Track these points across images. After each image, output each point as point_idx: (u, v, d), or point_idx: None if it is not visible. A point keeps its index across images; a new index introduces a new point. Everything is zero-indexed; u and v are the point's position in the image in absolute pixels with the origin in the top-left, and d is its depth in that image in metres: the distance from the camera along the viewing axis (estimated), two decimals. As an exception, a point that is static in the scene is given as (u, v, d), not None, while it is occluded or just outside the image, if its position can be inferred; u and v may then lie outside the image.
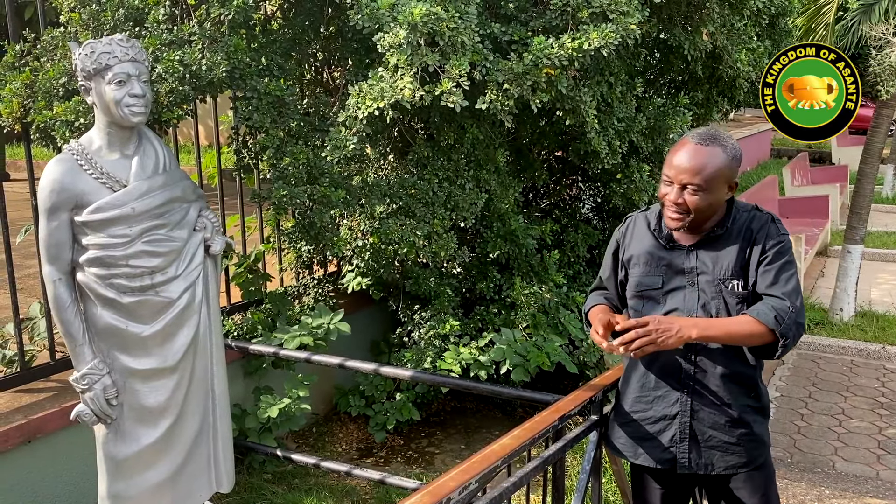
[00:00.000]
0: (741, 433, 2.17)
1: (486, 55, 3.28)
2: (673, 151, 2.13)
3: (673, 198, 2.10)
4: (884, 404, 5.16)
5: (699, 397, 2.16)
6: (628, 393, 2.29)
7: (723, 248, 2.14)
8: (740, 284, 2.11)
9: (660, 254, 2.21)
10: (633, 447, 2.28)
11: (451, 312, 4.62)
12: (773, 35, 5.15)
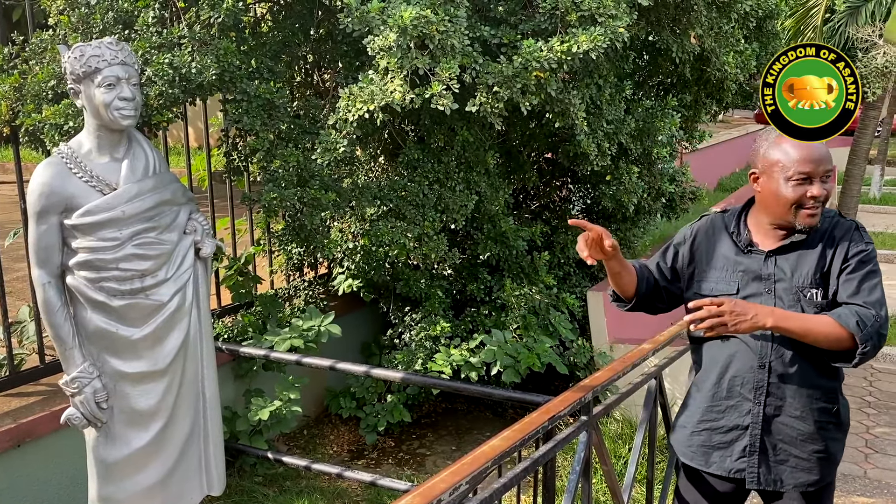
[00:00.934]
0: (814, 449, 2.09)
1: (476, 58, 3.29)
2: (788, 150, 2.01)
3: (817, 192, 1.99)
4: (871, 403, 5.20)
5: (772, 410, 2.08)
6: (700, 400, 2.21)
7: (802, 255, 2.06)
8: (819, 293, 2.03)
9: (736, 258, 2.13)
10: (704, 455, 2.20)
11: (441, 314, 4.64)
12: (760, 37, 5.20)
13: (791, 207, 2.01)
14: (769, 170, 2.04)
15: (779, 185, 2.02)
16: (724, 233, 2.17)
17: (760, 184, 2.08)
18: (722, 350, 2.14)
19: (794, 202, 2.00)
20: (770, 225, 2.10)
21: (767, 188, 2.06)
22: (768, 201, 2.07)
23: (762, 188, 2.08)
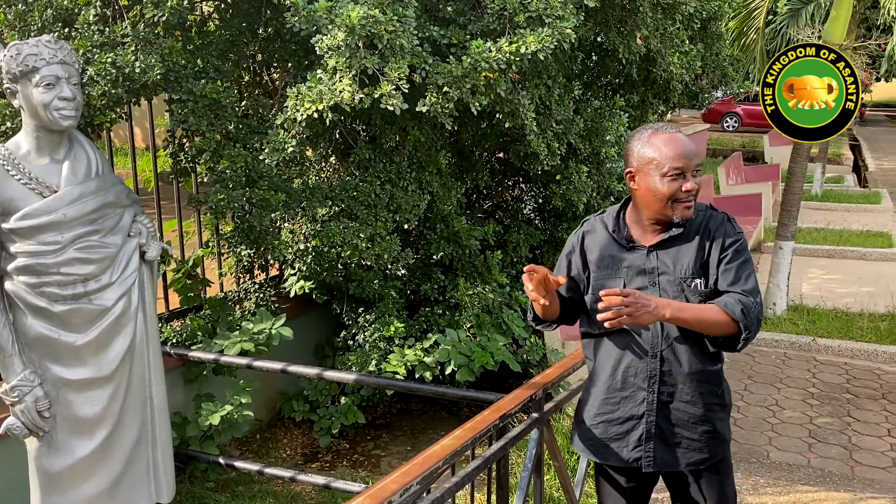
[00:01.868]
0: (704, 430, 2.20)
1: (426, 58, 3.29)
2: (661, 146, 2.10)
3: (690, 186, 2.09)
4: (814, 395, 5.35)
5: (665, 396, 2.18)
6: (595, 394, 2.28)
7: (682, 248, 2.16)
8: (702, 283, 2.13)
9: (620, 255, 2.22)
10: (601, 448, 2.28)
11: (395, 314, 4.63)
12: (704, 38, 5.31)
13: (667, 202, 2.10)
14: (644, 167, 2.12)
15: (655, 182, 2.10)
16: (606, 232, 2.26)
17: (637, 182, 2.16)
18: (615, 343, 2.22)
19: (670, 197, 2.09)
20: (648, 220, 2.18)
21: (644, 185, 2.13)
22: (646, 198, 2.14)
23: (638, 186, 2.15)
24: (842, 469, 4.28)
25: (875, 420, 4.93)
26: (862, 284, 8.04)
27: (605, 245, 2.25)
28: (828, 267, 8.83)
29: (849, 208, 12.27)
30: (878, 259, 9.10)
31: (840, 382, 5.59)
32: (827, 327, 6.55)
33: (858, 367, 5.89)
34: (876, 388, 5.48)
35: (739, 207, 10.05)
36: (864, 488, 4.04)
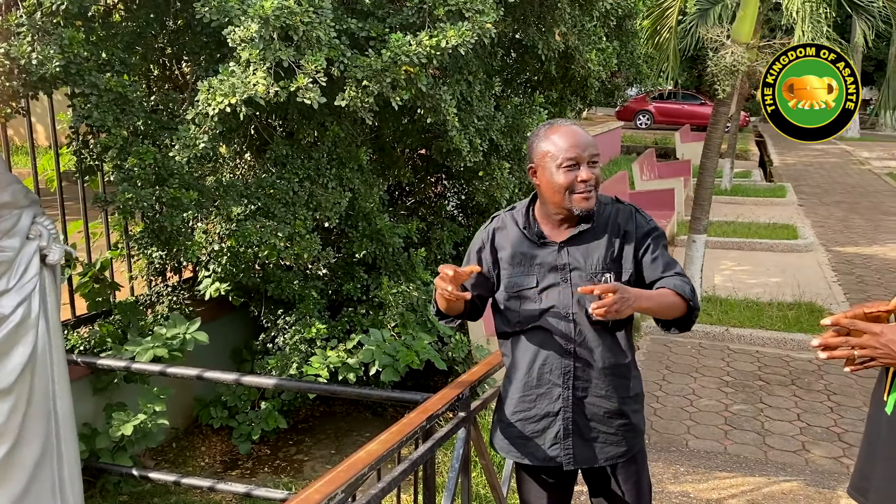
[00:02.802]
0: (620, 424, 2.23)
1: (344, 51, 3.21)
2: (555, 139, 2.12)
3: (585, 175, 2.09)
4: (729, 383, 5.53)
5: (580, 392, 2.18)
6: (512, 392, 2.27)
7: (592, 242, 2.17)
8: (612, 277, 2.13)
9: (532, 252, 2.20)
10: (519, 448, 2.27)
11: (316, 315, 4.51)
12: (620, 36, 5.40)
13: (565, 193, 2.12)
14: (542, 161, 2.15)
15: (552, 174, 2.12)
16: (517, 229, 2.25)
17: (538, 176, 2.17)
18: (530, 341, 2.22)
19: (567, 187, 2.11)
20: (555, 215, 2.19)
21: (544, 178, 2.15)
22: (547, 191, 2.16)
23: (540, 180, 2.17)
24: (756, 454, 4.42)
25: (786, 406, 5.12)
26: (770, 275, 8.38)
27: (516, 242, 2.23)
28: (738, 259, 9.17)
29: (756, 202, 12.80)
30: (784, 250, 9.51)
31: (752, 370, 5.79)
32: (739, 317, 6.79)
33: (769, 355, 6.12)
34: (786, 374, 5.71)
35: (653, 202, 10.33)
36: (777, 472, 4.19)
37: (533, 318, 2.18)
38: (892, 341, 1.55)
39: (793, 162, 19.35)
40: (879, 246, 10.09)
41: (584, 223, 2.18)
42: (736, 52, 6.43)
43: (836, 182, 16.20)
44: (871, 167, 18.55)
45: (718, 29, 7.00)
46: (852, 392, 5.31)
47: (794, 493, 3.90)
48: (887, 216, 12.30)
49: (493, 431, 2.37)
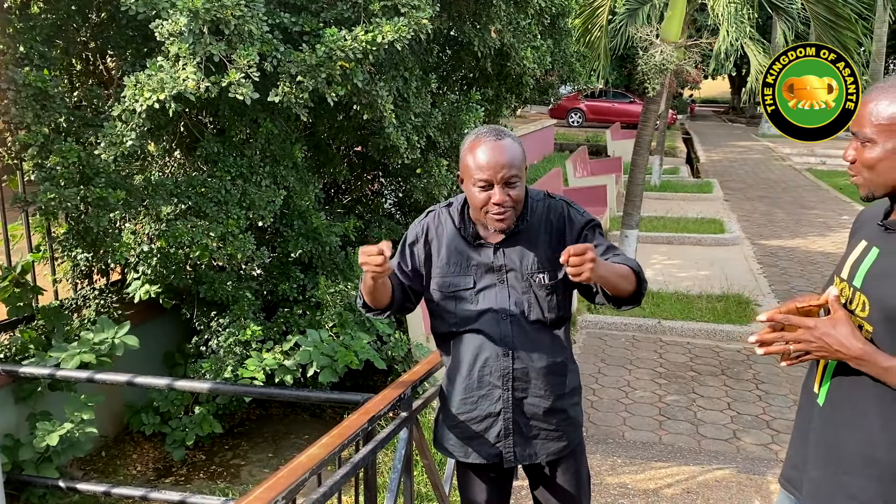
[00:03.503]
0: (560, 419, 2.24)
1: (277, 46, 3.14)
2: (474, 155, 2.05)
3: (499, 199, 2.03)
4: (662, 374, 5.65)
5: (520, 392, 2.19)
6: (454, 395, 2.25)
7: (527, 243, 2.15)
8: (547, 276, 2.13)
9: (468, 252, 2.17)
10: (462, 447, 2.26)
11: (251, 317, 4.41)
12: (554, 34, 5.46)
13: (480, 210, 2.08)
14: (464, 173, 2.11)
15: (469, 189, 2.09)
16: (453, 227, 2.22)
17: (464, 185, 2.14)
18: (468, 342, 2.21)
19: (481, 206, 2.07)
20: None
21: (466, 190, 2.13)
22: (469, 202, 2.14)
23: (464, 189, 2.15)
24: (689, 444, 4.53)
25: (716, 395, 5.27)
26: (699, 268, 8.62)
27: (452, 240, 2.20)
28: (668, 253, 9.40)
29: (685, 197, 13.15)
30: (712, 244, 9.80)
31: (684, 361, 5.94)
32: (670, 309, 6.95)
33: (700, 346, 6.28)
34: (716, 364, 5.87)
35: (587, 198, 10.49)
36: (710, 460, 4.30)
37: (470, 319, 2.17)
38: (825, 335, 1.59)
39: (718, 158, 19.97)
40: (801, 239, 10.50)
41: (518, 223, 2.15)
42: (665, 51, 6.58)
43: (759, 178, 16.80)
44: (792, 163, 19.32)
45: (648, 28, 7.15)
46: (779, 381, 5.49)
47: (726, 481, 4.01)
48: (807, 210, 12.82)
49: (436, 432, 2.35)
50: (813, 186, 15.67)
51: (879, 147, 1.59)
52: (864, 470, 1.62)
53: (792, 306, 1.69)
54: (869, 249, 1.68)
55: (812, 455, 1.75)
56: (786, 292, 7.69)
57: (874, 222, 1.72)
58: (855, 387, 1.64)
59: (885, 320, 1.57)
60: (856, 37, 6.48)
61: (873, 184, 1.62)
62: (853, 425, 1.64)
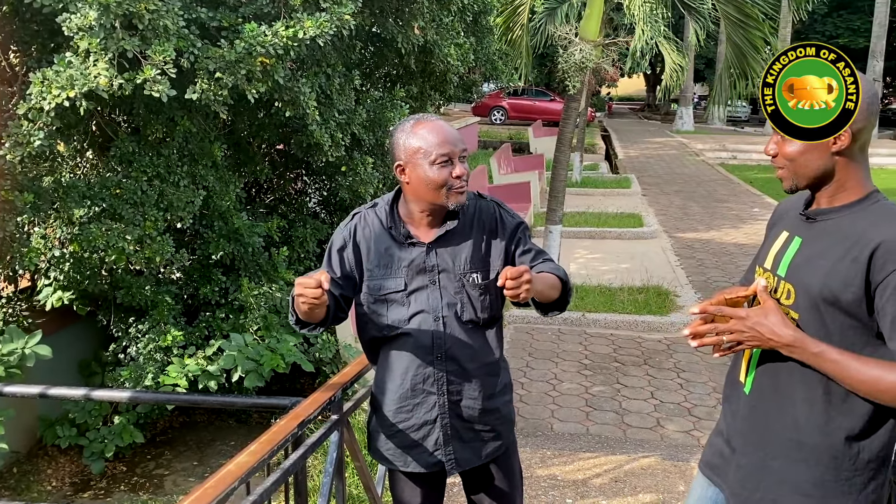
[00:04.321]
0: (495, 418, 2.22)
1: (194, 41, 3.04)
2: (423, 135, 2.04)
3: (459, 171, 2.03)
4: (587, 366, 5.76)
5: (455, 396, 2.15)
6: (387, 403, 2.19)
7: (459, 243, 2.13)
8: (479, 276, 2.11)
9: (400, 253, 2.11)
10: (402, 456, 2.21)
11: (172, 322, 4.27)
12: (476, 32, 5.49)
13: (440, 189, 2.05)
14: (412, 158, 2.06)
15: (425, 171, 2.05)
16: (381, 228, 2.17)
17: (407, 174, 2.08)
18: (400, 348, 2.17)
19: (442, 184, 2.04)
20: (422, 213, 2.12)
21: (415, 176, 2.07)
22: (418, 189, 2.08)
23: (409, 178, 2.09)
24: (616, 433, 4.63)
25: (640, 385, 5.41)
26: (620, 261, 8.83)
27: (380, 241, 2.15)
28: (591, 247, 9.60)
29: (605, 193, 13.45)
30: (632, 238, 10.06)
31: (608, 352, 6.07)
32: (594, 302, 7.10)
33: (623, 337, 6.44)
34: (639, 354, 6.03)
35: (511, 195, 10.61)
36: (635, 449, 4.41)
37: (402, 322, 2.12)
38: (758, 324, 1.63)
39: (636, 154, 20.53)
40: (715, 231, 10.89)
41: (450, 220, 2.13)
42: (584, 49, 6.71)
43: (675, 173, 17.35)
44: (705, 158, 20.04)
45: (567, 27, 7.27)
46: (699, 369, 5.68)
47: (652, 468, 4.12)
48: (720, 203, 13.32)
49: (371, 440, 2.30)
50: (725, 181, 16.29)
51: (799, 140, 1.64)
52: (792, 454, 1.68)
53: (721, 297, 1.73)
54: (791, 239, 1.73)
55: (740, 443, 1.79)
56: (702, 283, 7.98)
57: (795, 213, 1.78)
58: (781, 374, 1.69)
59: (810, 307, 1.63)
60: (763, 35, 6.77)
61: (796, 176, 1.68)
62: (780, 412, 1.69)
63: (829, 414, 1.63)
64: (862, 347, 1.59)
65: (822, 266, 1.61)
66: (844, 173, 1.64)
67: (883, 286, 1.53)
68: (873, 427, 1.64)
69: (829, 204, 1.67)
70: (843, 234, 1.62)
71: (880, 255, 1.54)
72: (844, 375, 1.56)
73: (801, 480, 1.67)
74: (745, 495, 1.76)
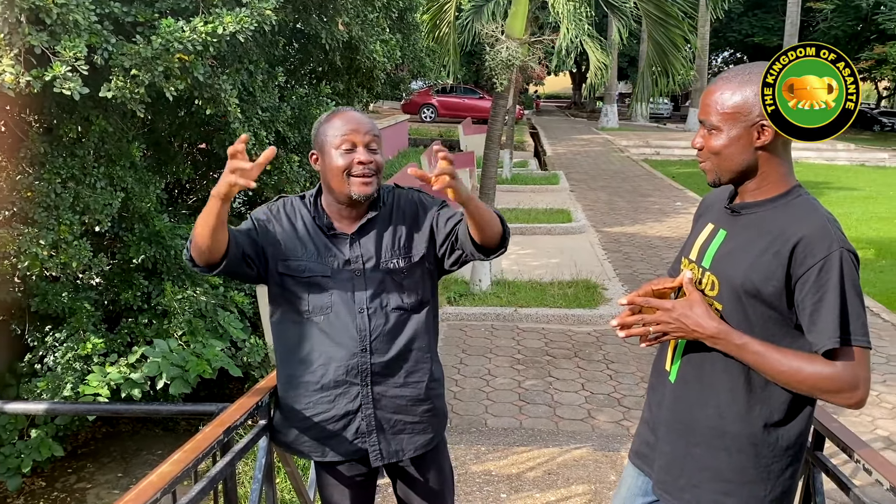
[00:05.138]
0: (424, 410, 2.20)
1: (108, 37, 2.92)
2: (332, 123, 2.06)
3: (363, 157, 2.03)
4: (520, 360, 5.82)
5: (380, 386, 2.13)
6: (303, 394, 2.14)
7: (381, 231, 2.14)
8: (402, 261, 2.12)
9: (326, 243, 2.12)
10: (319, 446, 2.17)
11: (92, 329, 4.10)
12: (403, 28, 5.46)
13: (343, 175, 2.07)
14: (322, 145, 2.10)
15: (331, 157, 2.08)
16: (307, 215, 2.18)
17: (319, 161, 2.12)
18: (320, 338, 2.13)
19: (344, 169, 2.06)
20: (340, 204, 2.14)
21: (324, 163, 2.11)
22: (327, 176, 2.11)
23: (321, 165, 2.12)
24: (548, 426, 4.69)
25: (571, 377, 5.49)
26: (550, 257, 8.96)
27: (305, 230, 2.15)
28: (522, 243, 9.70)
29: (534, 189, 13.62)
30: (561, 233, 10.22)
31: (540, 346, 6.14)
32: (526, 297, 7.18)
33: (554, 331, 6.53)
34: (569, 347, 6.12)
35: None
36: (567, 441, 4.47)
37: (322, 310, 2.10)
38: (683, 315, 1.67)
39: (563, 151, 20.87)
40: (640, 225, 11.17)
41: (371, 211, 2.14)
42: (510, 47, 6.77)
43: (601, 169, 17.71)
44: (630, 154, 20.53)
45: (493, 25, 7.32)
46: (627, 360, 5.81)
47: (584, 459, 4.19)
48: (645, 198, 13.66)
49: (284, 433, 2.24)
50: (649, 176, 16.73)
51: (724, 134, 1.67)
52: (714, 442, 1.72)
53: (648, 289, 1.76)
54: (716, 232, 1.77)
55: (664, 431, 1.83)
56: (629, 276, 8.16)
57: (719, 206, 1.82)
58: (705, 364, 1.73)
59: (733, 298, 1.67)
60: (683, 34, 6.97)
61: (720, 169, 1.71)
62: (704, 401, 1.74)
63: (749, 403, 1.68)
64: (781, 338, 1.64)
65: (745, 259, 1.65)
66: (768, 168, 1.69)
67: (803, 280, 1.58)
68: (791, 415, 1.70)
69: (753, 198, 1.71)
70: (766, 228, 1.66)
71: (801, 250, 1.58)
72: (766, 366, 1.61)
73: (722, 467, 1.72)
74: (668, 482, 1.80)
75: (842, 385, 1.56)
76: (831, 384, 1.56)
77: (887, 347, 6.23)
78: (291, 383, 2.18)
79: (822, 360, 1.57)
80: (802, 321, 1.61)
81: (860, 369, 1.56)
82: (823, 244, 1.57)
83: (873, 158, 21.14)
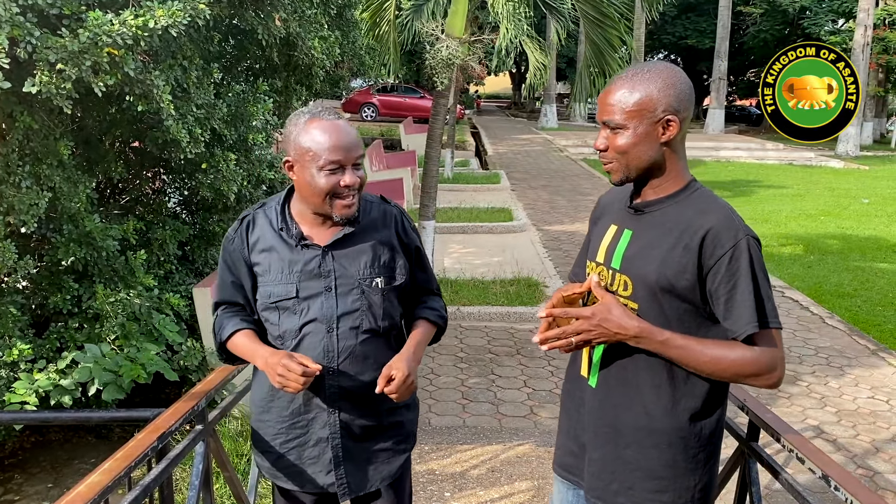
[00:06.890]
0: (391, 435, 2.07)
1: (31, 30, 2.79)
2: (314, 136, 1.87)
3: (349, 181, 1.87)
4: (463, 359, 5.83)
5: (347, 413, 1.99)
6: (279, 420, 2.02)
7: (359, 245, 1.98)
8: (382, 281, 1.98)
9: (292, 256, 1.94)
10: (297, 476, 2.04)
11: (18, 335, 3.93)
12: (342, 25, 5.40)
13: (326, 197, 1.90)
14: (301, 158, 1.90)
15: (312, 176, 1.88)
16: (271, 230, 1.99)
17: (295, 172, 1.94)
18: None
19: (328, 192, 1.89)
20: (314, 214, 1.98)
21: (302, 178, 1.91)
22: (304, 191, 1.93)
23: (297, 177, 1.93)
24: (492, 423, 4.71)
25: (513, 374, 5.52)
26: (492, 255, 9.01)
27: (271, 245, 1.98)
28: (464, 242, 9.73)
29: (476, 188, 13.69)
30: (503, 232, 10.28)
31: (483, 344, 6.17)
32: (468, 296, 7.20)
33: (496, 329, 6.56)
34: (511, 345, 6.16)
35: (385, 192, 10.46)
36: (510, 437, 4.49)
37: (294, 333, 1.95)
38: (603, 319, 1.66)
39: (504, 151, 21.02)
40: (580, 223, 11.33)
41: (349, 226, 1.97)
42: (451, 46, 6.77)
43: (541, 168, 17.90)
44: (569, 154, 20.80)
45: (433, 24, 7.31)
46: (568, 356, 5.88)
47: (527, 455, 4.21)
48: (584, 196, 13.87)
49: (258, 460, 2.12)
50: (588, 175, 16.99)
51: (630, 131, 1.68)
52: (644, 441, 1.73)
53: (559, 296, 1.75)
54: (622, 232, 1.78)
55: (591, 437, 1.82)
56: (569, 273, 8.27)
57: (620, 206, 1.82)
58: (627, 365, 1.74)
59: (648, 296, 1.68)
60: (619, 35, 7.08)
61: (628, 168, 1.72)
62: (629, 402, 1.74)
63: (675, 397, 1.70)
64: (696, 329, 1.67)
65: (656, 256, 1.67)
66: (670, 164, 1.71)
67: (714, 270, 1.62)
68: (711, 403, 1.73)
69: (655, 195, 1.73)
70: (672, 224, 1.68)
71: (709, 242, 1.62)
72: (689, 359, 1.63)
73: (654, 465, 1.73)
74: (601, 488, 1.79)
75: (762, 367, 1.60)
76: (753, 368, 1.60)
77: (816, 339, 6.46)
78: (263, 407, 2.06)
79: (741, 345, 1.61)
80: (717, 310, 1.64)
81: (777, 350, 1.61)
82: (730, 234, 1.61)
83: (801, 157, 21.95)
